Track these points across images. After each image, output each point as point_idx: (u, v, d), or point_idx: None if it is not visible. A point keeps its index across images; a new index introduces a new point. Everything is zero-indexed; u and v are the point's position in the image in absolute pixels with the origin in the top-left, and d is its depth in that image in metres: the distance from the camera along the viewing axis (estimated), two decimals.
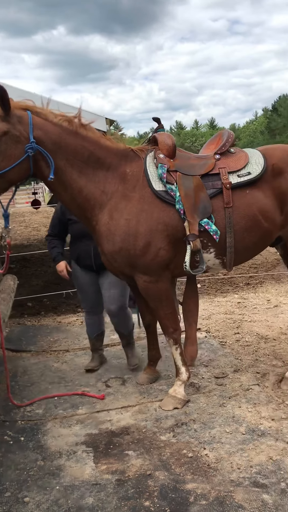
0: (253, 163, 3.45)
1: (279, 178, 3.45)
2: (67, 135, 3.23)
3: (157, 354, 4.05)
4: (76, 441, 3.21)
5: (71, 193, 3.33)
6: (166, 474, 2.78)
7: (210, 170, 3.42)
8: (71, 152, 3.24)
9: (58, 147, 3.19)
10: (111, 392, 3.89)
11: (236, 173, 3.42)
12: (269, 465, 2.79)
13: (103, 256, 3.55)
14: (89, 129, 3.36)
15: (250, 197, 3.41)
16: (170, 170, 3.36)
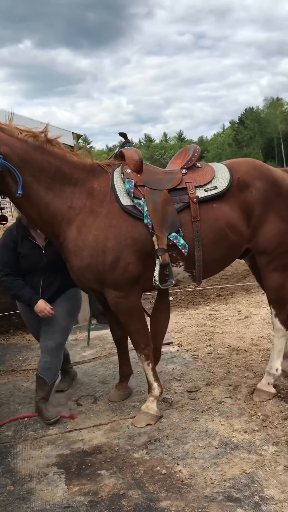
0: (219, 177, 3.49)
1: (245, 191, 3.50)
2: (33, 151, 3.21)
3: (128, 370, 4.02)
4: (47, 462, 3.14)
5: (38, 209, 3.30)
6: (139, 493, 2.74)
7: (177, 185, 3.44)
8: (37, 167, 3.22)
9: (24, 163, 3.17)
10: (83, 411, 3.82)
11: (203, 188, 3.45)
12: (242, 478, 2.79)
13: (71, 273, 3.51)
14: (56, 144, 3.35)
15: (217, 211, 3.44)
16: (138, 185, 3.37)
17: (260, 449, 3.06)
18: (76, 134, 6.02)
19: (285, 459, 2.94)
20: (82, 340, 5.67)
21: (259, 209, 3.52)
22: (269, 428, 3.33)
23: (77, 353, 5.24)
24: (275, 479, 2.75)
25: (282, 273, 3.74)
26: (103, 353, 5.15)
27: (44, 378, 3.70)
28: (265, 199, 3.53)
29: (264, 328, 5.53)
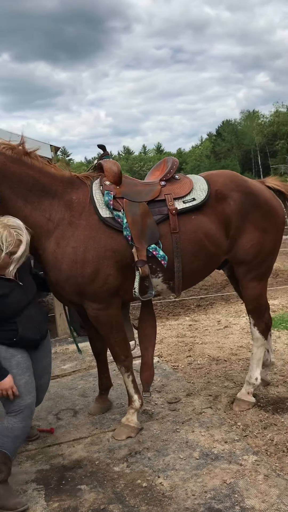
0: (197, 189, 3.52)
1: (223, 203, 3.54)
2: (11, 163, 3.19)
3: (108, 382, 3.99)
4: (27, 479, 3.09)
5: None
6: (120, 507, 2.71)
7: (156, 197, 3.46)
8: (15, 180, 3.20)
9: (2, 175, 3.14)
10: (63, 425, 3.78)
11: (182, 199, 3.48)
12: (223, 489, 2.78)
13: (51, 286, 3.48)
14: (34, 157, 3.33)
15: (196, 223, 3.47)
16: (117, 197, 3.36)
17: (241, 458, 3.07)
18: (54, 147, 6.02)
19: (265, 468, 2.95)
20: (61, 353, 5.62)
21: (237, 221, 3.56)
22: (249, 438, 3.34)
23: (57, 366, 5.18)
24: (256, 488, 2.76)
25: (260, 282, 3.79)
26: (83, 366, 5.11)
27: (5, 451, 2.89)
28: (242, 211, 3.57)
29: (243, 338, 5.57)
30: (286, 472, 2.91)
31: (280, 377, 4.33)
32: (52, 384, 4.61)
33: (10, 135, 3.33)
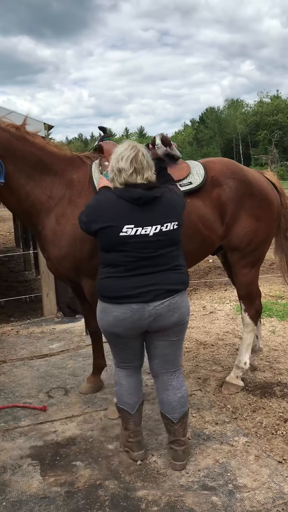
0: (194, 174, 3.57)
1: (218, 189, 3.59)
2: (15, 141, 3.22)
3: (102, 361, 4.03)
4: (21, 454, 3.12)
5: (18, 198, 3.32)
6: (116, 483, 2.78)
7: None
8: (19, 157, 3.23)
9: (6, 151, 3.17)
10: (54, 403, 3.81)
11: (179, 183, 3.52)
12: (216, 468, 2.87)
13: (48, 262, 3.53)
14: (36, 136, 3.37)
15: (191, 206, 3.52)
16: None
17: (232, 440, 3.16)
18: (47, 125, 5.96)
19: (255, 449, 3.05)
20: (48, 333, 5.64)
21: (232, 207, 3.62)
22: (239, 420, 3.44)
23: (44, 345, 5.21)
24: (247, 468, 2.85)
25: (252, 269, 3.88)
26: (71, 346, 5.14)
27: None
28: (237, 198, 3.63)
29: (228, 324, 5.68)
30: (276, 453, 3.01)
31: (266, 362, 4.45)
32: (41, 363, 4.67)
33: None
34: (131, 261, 2.64)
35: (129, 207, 2.64)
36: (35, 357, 4.87)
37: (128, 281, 2.65)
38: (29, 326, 6.02)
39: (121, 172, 2.67)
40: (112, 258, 2.68)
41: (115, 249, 2.65)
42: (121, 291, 2.65)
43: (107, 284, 2.70)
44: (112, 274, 2.69)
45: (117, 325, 2.69)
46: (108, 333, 2.81)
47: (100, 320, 2.80)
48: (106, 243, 2.69)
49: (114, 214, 2.64)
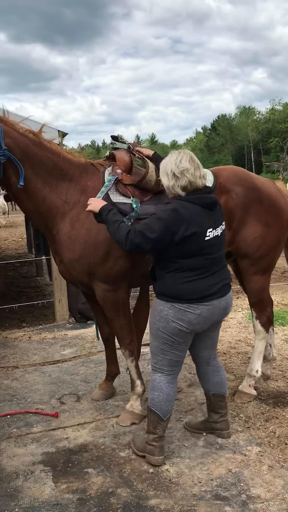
0: None
1: (226, 196, 3.60)
2: (33, 146, 3.30)
3: (116, 369, 4.03)
4: (33, 460, 3.12)
5: (35, 202, 3.38)
6: (128, 491, 2.77)
7: None
8: (37, 162, 3.30)
9: (25, 156, 3.25)
10: (66, 409, 3.82)
11: None
12: (229, 477, 2.85)
13: (61, 266, 3.57)
14: (52, 142, 3.45)
15: None
16: (127, 184, 3.45)
17: (245, 449, 3.14)
18: (61, 132, 6.01)
19: (269, 459, 3.02)
20: (60, 339, 5.66)
21: (239, 214, 3.63)
22: (252, 429, 3.42)
23: (57, 351, 5.22)
24: (261, 478, 2.83)
25: (262, 276, 3.87)
26: (83, 352, 5.14)
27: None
28: (245, 204, 3.65)
29: (241, 332, 5.65)
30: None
31: (279, 371, 4.42)
32: (53, 369, 4.67)
33: (6, 113, 3.39)
34: (209, 262, 2.88)
35: (203, 212, 2.85)
36: (47, 363, 4.88)
37: (209, 280, 2.89)
38: (41, 332, 6.05)
39: (183, 173, 2.82)
40: (193, 262, 2.85)
41: (198, 253, 2.84)
42: (206, 290, 2.87)
43: (190, 287, 2.84)
44: (193, 277, 2.85)
45: (200, 322, 2.89)
46: (177, 334, 2.90)
47: (173, 323, 2.87)
48: (190, 249, 2.82)
49: (197, 221, 2.80)
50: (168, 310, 2.89)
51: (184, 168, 2.81)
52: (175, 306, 2.87)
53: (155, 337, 2.98)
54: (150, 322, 3.04)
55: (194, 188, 2.87)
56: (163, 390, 3.00)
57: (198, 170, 2.86)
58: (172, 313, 2.88)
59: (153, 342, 3.01)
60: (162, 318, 2.90)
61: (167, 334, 2.91)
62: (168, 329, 2.90)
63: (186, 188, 2.85)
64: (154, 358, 3.04)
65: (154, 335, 2.98)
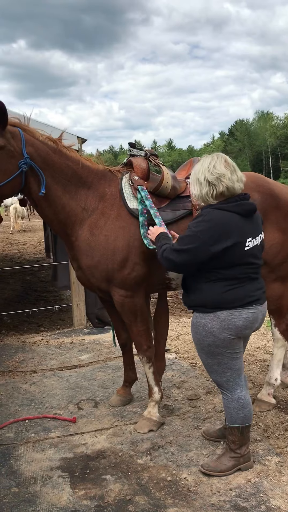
0: None
1: None
2: (53, 153, 3.33)
3: (133, 375, 4.03)
4: (51, 465, 3.13)
5: (55, 209, 3.40)
6: (146, 499, 2.75)
7: (181, 193, 3.55)
8: (57, 169, 3.33)
9: (46, 164, 3.28)
10: (84, 415, 3.82)
11: None
12: (248, 487, 2.81)
13: (79, 271, 3.59)
14: (71, 150, 3.47)
15: None
16: None
17: (264, 459, 3.10)
18: (81, 138, 6.04)
19: None
20: (78, 344, 5.67)
21: None
22: (271, 439, 3.37)
23: (74, 356, 5.23)
24: (280, 489, 2.79)
25: (282, 283, 3.82)
26: (101, 357, 5.15)
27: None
28: (262, 211, 3.60)
29: (259, 339, 5.59)
30: None
31: None
32: (71, 374, 4.68)
33: (26, 120, 3.42)
34: (250, 271, 2.80)
35: (241, 220, 2.73)
36: (65, 368, 4.90)
37: (251, 286, 2.81)
38: (58, 337, 6.07)
39: (220, 179, 2.71)
40: (236, 272, 2.75)
41: (239, 263, 2.74)
42: (248, 297, 2.78)
43: (234, 294, 2.75)
44: (234, 285, 2.76)
45: (247, 326, 2.81)
46: (228, 345, 2.79)
47: (221, 335, 2.75)
48: (230, 260, 2.71)
49: (236, 231, 2.69)
50: (211, 322, 2.76)
51: (220, 173, 2.69)
52: (218, 316, 2.75)
53: (210, 355, 2.84)
54: (196, 340, 2.88)
55: (231, 193, 2.75)
56: (250, 403, 2.94)
57: (235, 173, 2.73)
58: (217, 324, 2.76)
59: (210, 360, 2.87)
60: (209, 332, 2.78)
61: (220, 348, 2.79)
62: (217, 342, 2.78)
63: (223, 194, 2.73)
64: (220, 377, 2.89)
65: (208, 353, 2.85)
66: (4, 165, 3.10)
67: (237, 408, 2.90)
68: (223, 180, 2.69)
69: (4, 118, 3.05)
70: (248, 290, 2.79)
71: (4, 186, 3.14)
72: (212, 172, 2.71)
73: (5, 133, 3.10)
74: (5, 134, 3.09)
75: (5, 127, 3.09)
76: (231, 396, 2.91)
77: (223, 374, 2.88)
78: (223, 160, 2.76)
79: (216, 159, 2.77)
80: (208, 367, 2.95)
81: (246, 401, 2.91)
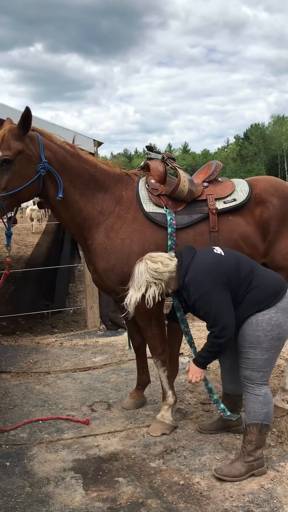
0: (238, 191, 3.58)
1: (261, 207, 3.56)
2: (70, 157, 3.35)
3: (146, 378, 4.03)
4: (64, 467, 3.14)
5: (72, 213, 3.42)
6: (158, 502, 2.75)
7: (198, 196, 3.53)
8: (74, 173, 3.35)
9: (63, 168, 3.30)
10: (97, 417, 3.83)
11: (223, 200, 3.54)
12: (261, 493, 2.80)
13: (95, 275, 3.60)
14: (87, 154, 3.49)
15: (232, 223, 3.52)
16: (161, 195, 3.47)
17: (277, 465, 3.08)
18: (97, 142, 6.08)
19: None
20: (91, 346, 5.69)
21: (275, 225, 3.57)
22: (285, 445, 3.35)
23: (88, 358, 5.25)
24: None
25: None
26: (114, 359, 5.16)
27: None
28: (281, 216, 3.59)
29: None
30: None
31: None
32: (84, 376, 4.70)
33: (44, 124, 3.46)
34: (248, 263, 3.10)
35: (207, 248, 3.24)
36: (78, 369, 4.92)
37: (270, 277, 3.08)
38: (72, 338, 6.10)
39: (161, 274, 3.06)
40: (245, 274, 3.00)
41: (238, 266, 3.03)
42: (280, 280, 3.06)
43: (270, 280, 3.01)
44: (263, 276, 3.02)
45: None
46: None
47: (286, 325, 2.93)
48: (231, 270, 2.99)
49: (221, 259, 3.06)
50: (275, 314, 2.90)
51: (154, 268, 2.99)
52: (278, 307, 2.92)
53: (267, 349, 2.90)
54: (256, 337, 2.90)
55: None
56: (271, 401, 3.01)
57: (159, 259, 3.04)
58: (281, 315, 2.91)
59: (263, 356, 2.91)
60: (275, 325, 2.89)
61: (282, 340, 2.94)
62: (283, 333, 2.92)
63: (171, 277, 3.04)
64: (260, 372, 2.95)
65: (265, 348, 2.90)
66: (22, 170, 3.13)
67: (263, 403, 2.94)
68: (163, 273, 3.00)
69: (28, 123, 3.09)
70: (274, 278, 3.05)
71: (22, 191, 3.17)
72: (152, 275, 2.99)
73: (24, 137, 3.13)
74: (24, 138, 3.13)
75: (27, 132, 3.13)
76: (259, 391, 2.95)
77: (265, 368, 2.96)
78: (145, 262, 3.03)
79: (140, 264, 3.04)
80: (252, 362, 2.95)
81: (271, 398, 2.99)
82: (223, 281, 2.88)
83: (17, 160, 3.10)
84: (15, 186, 3.12)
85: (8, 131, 3.12)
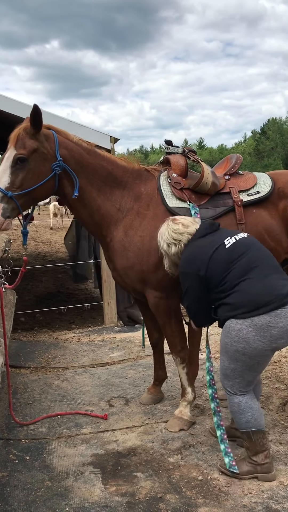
0: (261, 183, 3.55)
1: (285, 201, 3.53)
2: (87, 155, 3.34)
3: (163, 374, 4.03)
4: (83, 461, 3.17)
5: (90, 211, 3.41)
6: (177, 497, 2.76)
7: (221, 189, 3.50)
8: (91, 171, 3.33)
9: (80, 166, 3.29)
10: (115, 412, 3.85)
11: (246, 192, 3.51)
12: (280, 490, 2.78)
13: (114, 272, 3.59)
14: (104, 150, 3.47)
15: (256, 216, 3.49)
16: (184, 188, 3.44)
17: None
18: (113, 138, 6.08)
19: None
20: (109, 342, 5.72)
21: None
22: None
23: (105, 354, 5.28)
24: None
25: None
26: (131, 355, 5.17)
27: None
28: None
29: None
30: None
31: None
32: (102, 371, 4.73)
33: (62, 121, 3.45)
34: (250, 261, 2.92)
35: (212, 236, 3.10)
36: (96, 365, 4.94)
37: (269, 280, 2.86)
38: (90, 334, 6.13)
39: (180, 235, 3.06)
40: (237, 269, 2.91)
41: (231, 260, 2.92)
42: (276, 289, 2.76)
43: (258, 288, 2.80)
44: (251, 277, 2.85)
45: (284, 336, 2.70)
46: (259, 354, 2.73)
47: (255, 343, 2.69)
48: (221, 262, 2.89)
49: (207, 244, 2.98)
50: (247, 328, 2.68)
51: (176, 229, 3.01)
52: (255, 323, 2.67)
53: (233, 360, 2.77)
54: (224, 343, 2.80)
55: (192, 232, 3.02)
56: (253, 407, 2.85)
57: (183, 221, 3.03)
58: (253, 331, 2.67)
59: (230, 365, 2.80)
60: (241, 338, 2.70)
61: (248, 356, 2.72)
62: (248, 350, 2.70)
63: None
64: (229, 381, 2.85)
65: (231, 358, 2.77)
66: (37, 168, 3.13)
67: (238, 412, 2.86)
68: (182, 234, 3.01)
69: (39, 120, 3.09)
70: (271, 283, 2.74)
71: (37, 189, 3.16)
72: (172, 236, 3.02)
73: (39, 135, 3.13)
74: (38, 136, 3.13)
75: (40, 130, 3.13)
76: (232, 400, 2.87)
77: (234, 379, 2.83)
78: (167, 224, 3.07)
79: (166, 226, 3.07)
80: (222, 368, 2.89)
81: (247, 406, 2.84)
82: (201, 274, 2.85)
83: (32, 158, 3.10)
84: (30, 184, 3.12)
85: (23, 129, 3.13)
